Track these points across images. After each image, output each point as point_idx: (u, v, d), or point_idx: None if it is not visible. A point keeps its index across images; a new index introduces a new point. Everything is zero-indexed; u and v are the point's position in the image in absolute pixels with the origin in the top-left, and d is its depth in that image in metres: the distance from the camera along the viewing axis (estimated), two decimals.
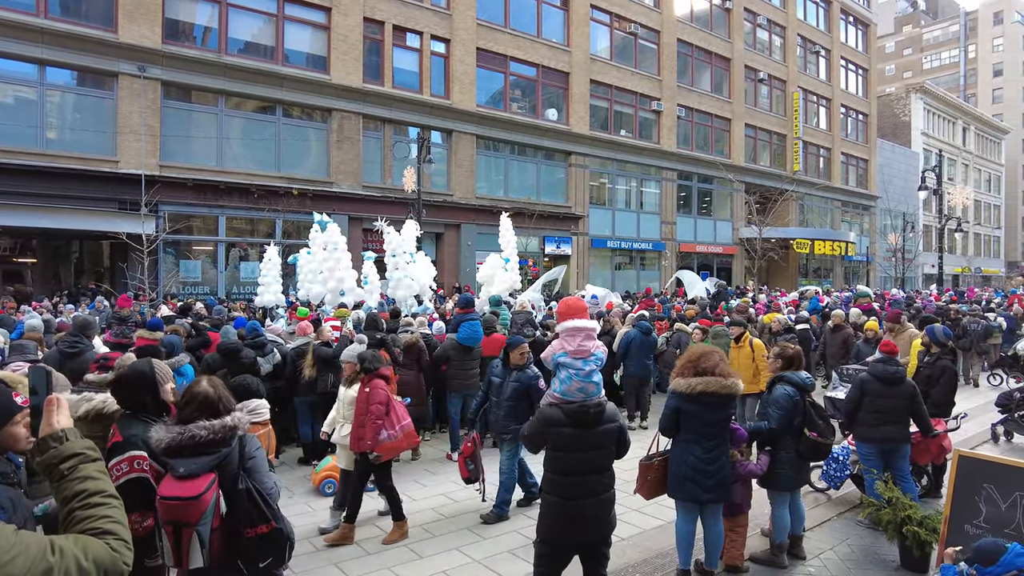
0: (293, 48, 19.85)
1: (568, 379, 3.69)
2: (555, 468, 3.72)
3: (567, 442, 3.65)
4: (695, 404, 4.42)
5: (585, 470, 3.67)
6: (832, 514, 6.08)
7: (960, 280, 49.93)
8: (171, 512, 2.47)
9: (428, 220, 19.76)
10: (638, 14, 28.54)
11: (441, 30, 22.43)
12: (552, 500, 3.70)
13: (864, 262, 40.89)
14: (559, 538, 3.70)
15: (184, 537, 2.46)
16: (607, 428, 3.73)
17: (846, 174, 40.51)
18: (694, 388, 4.38)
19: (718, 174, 31.29)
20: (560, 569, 3.77)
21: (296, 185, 19.12)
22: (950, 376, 6.85)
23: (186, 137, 17.94)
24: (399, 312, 10.63)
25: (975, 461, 4.81)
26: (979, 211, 58.00)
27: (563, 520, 3.65)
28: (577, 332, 3.79)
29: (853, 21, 41.69)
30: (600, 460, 3.72)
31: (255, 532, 2.61)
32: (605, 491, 3.73)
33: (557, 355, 3.79)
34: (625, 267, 29.26)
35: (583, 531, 3.67)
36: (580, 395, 3.68)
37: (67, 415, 1.84)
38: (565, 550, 3.75)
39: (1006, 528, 4.29)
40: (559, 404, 3.71)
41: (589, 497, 3.65)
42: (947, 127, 53.51)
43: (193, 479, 2.49)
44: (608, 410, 3.76)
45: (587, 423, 3.66)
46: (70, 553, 1.56)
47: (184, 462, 2.53)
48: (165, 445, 2.55)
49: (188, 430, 2.57)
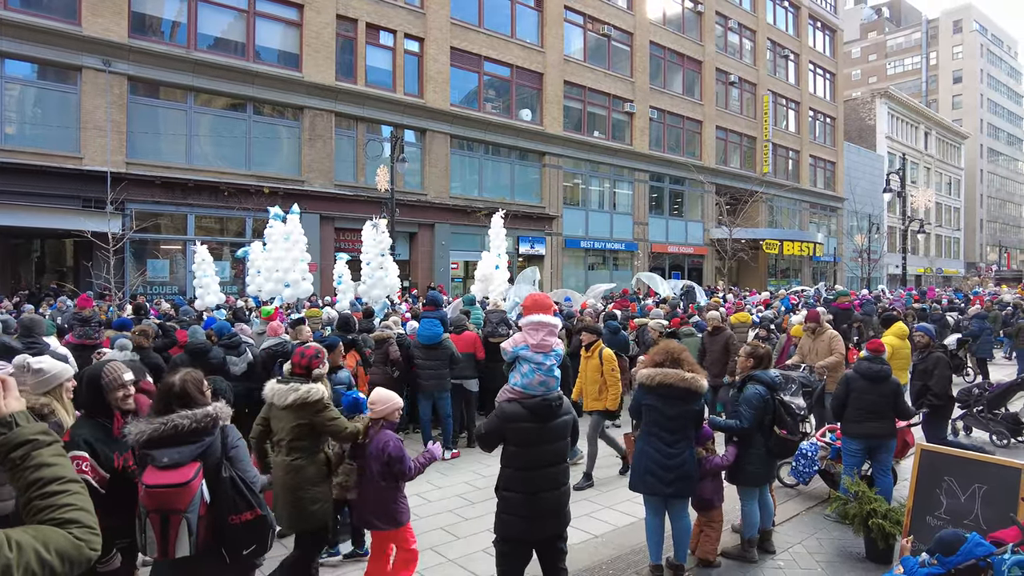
0: (264, 45, 19.58)
1: (531, 373, 3.69)
2: (516, 464, 3.69)
3: (527, 437, 3.65)
4: (655, 396, 4.49)
5: (545, 463, 3.68)
6: (801, 509, 6.20)
7: (922, 280, 51.28)
8: (158, 500, 2.46)
9: (401, 220, 19.67)
10: (611, 16, 28.76)
11: (415, 29, 22.33)
12: (512, 496, 3.67)
13: (832, 263, 41.75)
14: (520, 534, 3.68)
15: (172, 525, 2.46)
16: (564, 420, 3.76)
17: (814, 176, 41.34)
18: (653, 379, 4.46)
19: (689, 175, 31.68)
20: (523, 566, 3.77)
21: (267, 183, 18.86)
22: (943, 366, 7.04)
23: (154, 134, 17.58)
24: (372, 312, 10.56)
25: (936, 455, 4.96)
26: (940, 213, 59.69)
27: (524, 516, 3.64)
28: (541, 327, 3.80)
29: (821, 27, 42.57)
30: (558, 452, 3.75)
31: (240, 519, 2.62)
32: (563, 484, 3.76)
33: (518, 348, 3.79)
34: (598, 267, 29.45)
35: (543, 525, 3.68)
36: (541, 389, 3.69)
37: (17, 398, 1.70)
38: (526, 546, 3.75)
39: (965, 519, 4.44)
40: (519, 399, 3.70)
41: (549, 491, 3.67)
42: (910, 131, 54.94)
43: (179, 468, 2.50)
44: (565, 402, 3.82)
45: (548, 416, 3.68)
46: (29, 547, 1.47)
47: (168, 452, 2.53)
48: (147, 437, 2.54)
49: (171, 420, 2.58)
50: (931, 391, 6.81)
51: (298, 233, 12.64)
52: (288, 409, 4.01)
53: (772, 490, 5.66)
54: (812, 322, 8.23)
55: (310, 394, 3.98)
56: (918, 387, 7.03)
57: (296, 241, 12.61)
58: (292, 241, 12.57)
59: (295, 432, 4.02)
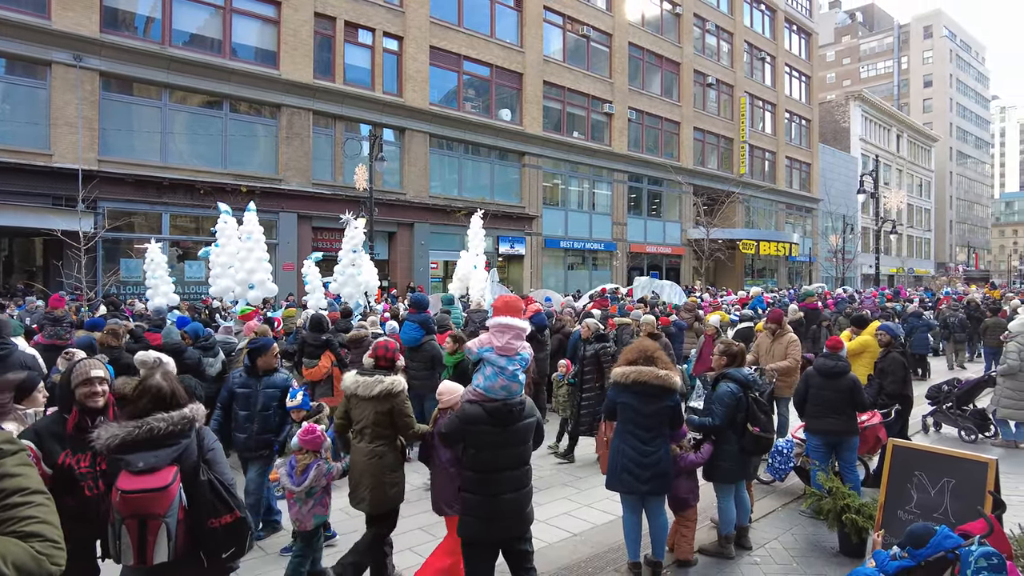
0: (241, 42, 19.34)
1: (493, 376, 3.66)
2: (475, 466, 3.68)
3: (487, 440, 3.63)
4: (629, 394, 4.50)
5: (505, 466, 3.67)
6: (777, 505, 6.28)
7: (895, 280, 52.29)
8: (134, 506, 2.40)
9: (380, 219, 19.58)
10: (590, 17, 28.88)
11: (394, 27, 22.22)
12: (473, 499, 3.66)
13: (807, 262, 42.39)
14: (479, 535, 3.68)
15: (150, 530, 2.40)
16: (526, 423, 3.74)
17: (790, 177, 41.93)
18: (628, 377, 4.47)
19: (667, 176, 31.94)
20: (489, 566, 3.76)
21: (244, 182, 18.63)
22: (900, 367, 7.19)
23: (127, 131, 17.27)
24: (350, 311, 10.49)
25: (907, 450, 5.07)
26: (912, 214, 60.91)
27: (483, 518, 3.63)
28: (508, 329, 3.76)
29: (796, 30, 43.20)
30: (519, 456, 3.74)
31: (220, 522, 2.58)
32: (524, 486, 3.75)
33: (483, 349, 3.76)
34: (578, 267, 29.57)
35: (505, 527, 3.68)
36: (503, 393, 3.66)
37: None
38: (489, 547, 3.74)
39: (935, 512, 4.54)
40: (480, 401, 3.67)
41: (509, 493, 3.66)
42: (883, 134, 56.00)
43: (156, 472, 2.44)
44: (528, 405, 3.79)
45: (508, 421, 3.65)
46: None
47: (144, 456, 2.47)
48: (120, 441, 2.47)
49: (146, 423, 2.51)
50: (885, 391, 6.95)
51: (258, 232, 12.32)
52: (373, 399, 4.26)
53: (750, 487, 5.73)
54: (774, 323, 8.13)
55: (394, 385, 4.31)
56: (876, 386, 7.17)
57: (257, 240, 12.28)
58: (254, 240, 12.23)
59: (377, 420, 4.27)
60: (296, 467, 4.34)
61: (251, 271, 11.95)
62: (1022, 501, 5.65)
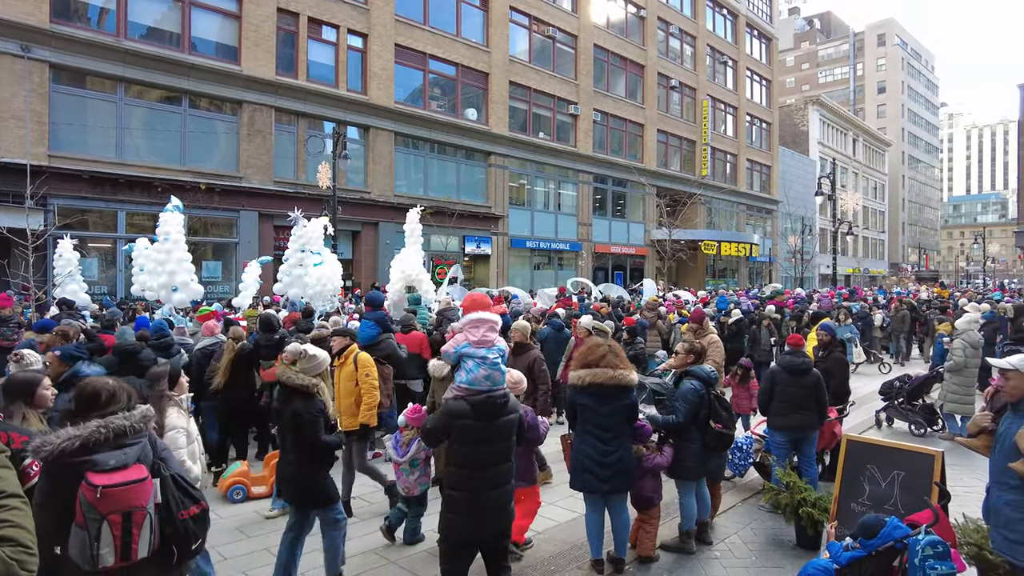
0: (201, 36, 18.89)
1: (475, 367, 3.72)
2: (460, 462, 3.68)
3: (472, 435, 3.64)
4: (587, 396, 4.54)
5: (490, 462, 3.68)
6: (737, 500, 6.41)
7: (851, 280, 53.81)
8: (117, 501, 2.38)
9: (344, 218, 19.34)
10: (556, 18, 29.04)
11: (358, 24, 21.99)
12: (456, 495, 3.66)
13: (767, 263, 43.34)
14: (463, 533, 3.67)
15: (136, 523, 2.42)
16: (509, 419, 3.76)
17: (751, 179, 42.82)
18: (583, 380, 4.51)
19: (631, 178, 32.31)
20: (466, 565, 3.76)
21: (203, 180, 18.21)
22: (843, 367, 7.45)
23: (80, 126, 16.70)
24: (312, 312, 10.34)
25: (860, 444, 5.24)
26: (867, 216, 62.81)
27: (467, 515, 3.62)
28: (481, 323, 3.84)
29: (757, 35, 44.15)
30: (503, 451, 3.74)
31: (188, 514, 2.63)
32: (507, 482, 3.76)
33: (460, 347, 3.83)
34: (544, 267, 29.69)
35: (486, 524, 3.67)
36: (487, 383, 3.70)
37: None
38: (469, 545, 3.74)
39: (885, 504, 4.70)
40: (465, 396, 3.71)
41: (493, 489, 3.66)
42: (839, 138, 57.60)
43: (126, 469, 2.46)
44: (512, 400, 3.82)
45: (492, 415, 3.67)
46: None
47: (113, 454, 2.47)
48: (82, 442, 2.43)
49: (109, 422, 2.51)
50: (829, 390, 7.16)
51: (177, 232, 11.62)
52: (444, 380, 5.26)
53: (718, 486, 5.82)
54: (695, 323, 8.14)
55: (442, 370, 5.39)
56: None
57: (176, 241, 11.55)
58: (173, 241, 11.46)
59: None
60: (401, 441, 5.10)
61: (172, 273, 11.22)
62: (967, 491, 5.88)
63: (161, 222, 11.67)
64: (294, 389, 4.32)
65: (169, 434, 3.91)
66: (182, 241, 11.82)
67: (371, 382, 5.82)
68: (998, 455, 3.30)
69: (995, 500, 3.33)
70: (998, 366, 3.39)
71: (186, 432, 4.03)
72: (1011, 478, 3.18)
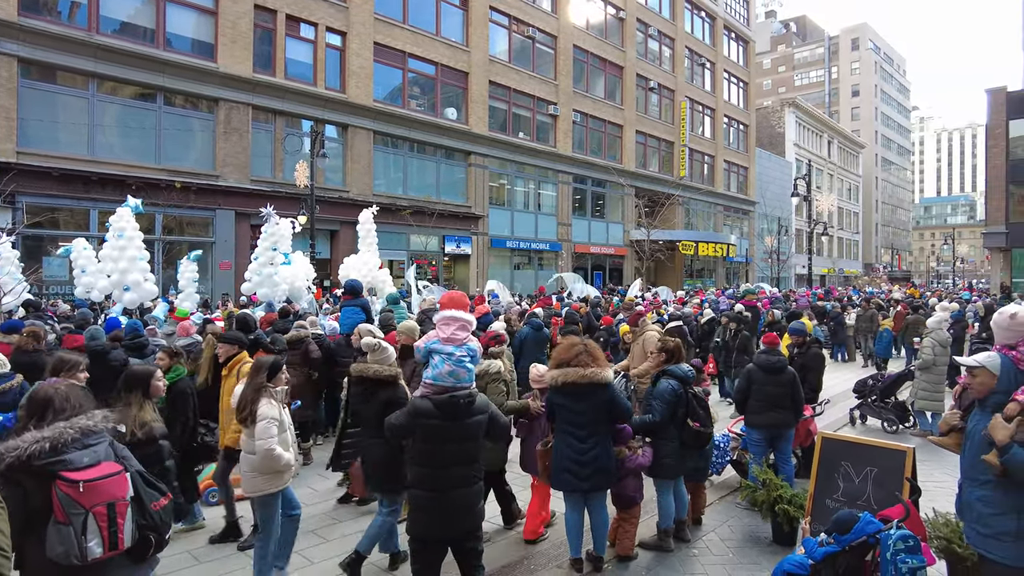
0: (176, 32, 18.60)
1: (440, 363, 3.73)
2: (423, 461, 3.67)
3: (435, 433, 3.63)
4: (562, 396, 4.57)
5: (453, 462, 3.66)
6: (714, 498, 6.46)
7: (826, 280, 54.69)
8: (102, 492, 2.52)
9: (322, 217, 19.16)
10: (536, 18, 29.08)
11: (337, 22, 21.82)
12: (420, 494, 3.65)
13: (744, 263, 43.83)
14: (427, 532, 3.66)
15: (120, 513, 2.56)
16: (476, 420, 3.74)
17: (728, 180, 43.28)
18: (557, 380, 4.54)
19: (610, 178, 32.48)
20: (436, 564, 3.75)
21: (178, 178, 17.92)
22: (820, 361, 7.61)
23: (51, 122, 16.35)
24: (288, 312, 10.22)
25: (834, 442, 5.32)
26: (842, 217, 63.84)
27: (432, 514, 3.62)
28: (452, 321, 3.86)
29: (735, 37, 44.63)
30: (468, 452, 3.72)
31: (159, 506, 2.78)
32: (473, 483, 3.74)
33: (429, 343, 3.85)
34: (524, 267, 29.73)
35: (452, 524, 3.66)
36: (451, 379, 3.70)
37: None
38: (437, 544, 3.73)
39: (859, 500, 4.78)
40: (429, 395, 3.71)
41: (457, 489, 3.65)
42: (815, 139, 58.47)
43: (99, 464, 2.59)
44: (478, 402, 3.79)
45: (456, 414, 3.65)
46: None
47: (85, 452, 2.59)
48: (51, 444, 2.52)
49: (74, 423, 2.63)
50: (808, 384, 7.30)
51: (132, 229, 11.33)
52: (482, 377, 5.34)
53: (702, 487, 5.87)
54: (633, 324, 7.98)
55: (490, 367, 5.52)
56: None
57: (131, 238, 11.23)
58: (127, 238, 11.14)
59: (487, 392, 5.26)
60: None
61: (124, 271, 10.89)
62: (937, 486, 6.00)
63: (115, 218, 11.32)
64: (380, 381, 4.68)
65: (260, 424, 4.13)
66: (137, 239, 11.39)
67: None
68: (968, 452, 3.37)
69: (967, 496, 3.40)
70: (964, 364, 3.47)
71: (278, 422, 4.23)
72: (981, 473, 3.25)
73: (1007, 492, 3.15)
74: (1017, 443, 3.05)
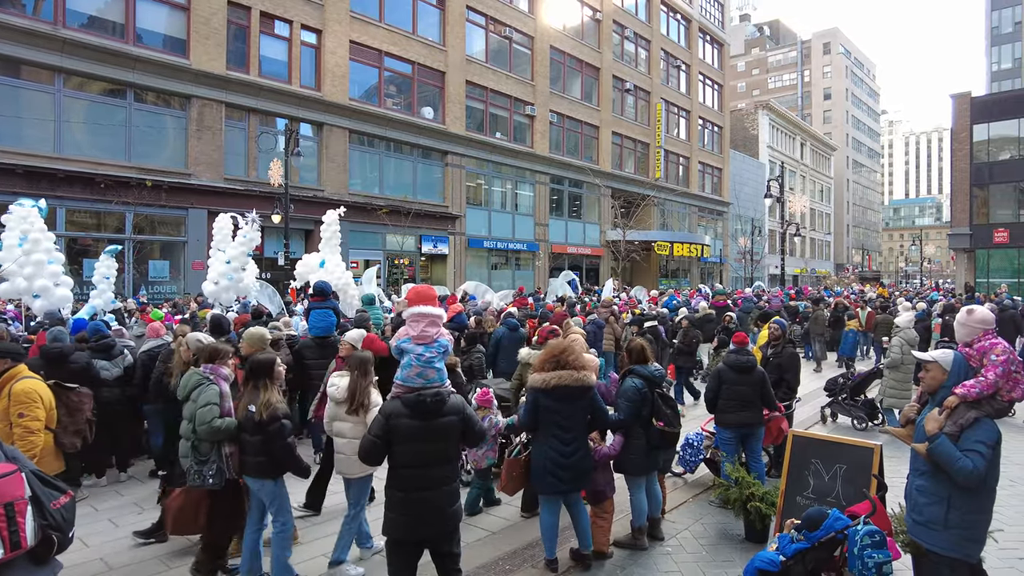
0: (147, 28, 18.25)
1: (408, 364, 3.73)
2: (397, 461, 3.65)
3: (407, 433, 3.61)
4: (552, 398, 4.56)
5: (426, 462, 3.64)
6: (688, 496, 6.54)
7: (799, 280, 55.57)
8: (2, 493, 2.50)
9: (297, 216, 18.96)
10: (513, 19, 29.11)
11: (312, 20, 21.61)
12: (395, 494, 3.64)
13: (718, 263, 44.35)
14: (400, 533, 3.64)
15: (19, 512, 2.52)
16: (448, 420, 3.70)
17: (703, 181, 43.76)
18: (549, 383, 4.52)
19: (587, 179, 32.64)
20: (412, 564, 3.73)
21: (149, 176, 17.57)
22: (796, 360, 7.74)
23: (14, 118, 15.93)
24: (261, 314, 10.11)
25: (805, 440, 5.41)
26: (814, 218, 64.93)
27: (407, 514, 3.60)
28: (422, 318, 3.83)
29: (710, 40, 45.14)
30: (442, 452, 3.70)
31: (59, 504, 2.73)
32: (448, 483, 3.71)
33: (401, 341, 3.83)
34: (501, 267, 29.74)
35: (427, 524, 3.64)
36: (419, 380, 3.69)
37: None
38: (412, 545, 3.71)
39: (828, 496, 4.87)
40: (400, 395, 3.71)
41: (431, 489, 3.63)
42: (788, 142, 59.39)
43: None
44: (451, 402, 3.74)
45: (427, 414, 3.63)
46: None
47: None
48: None
49: None
50: (786, 383, 7.43)
51: (37, 231, 10.06)
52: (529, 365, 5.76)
53: (663, 480, 5.94)
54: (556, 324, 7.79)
55: (531, 356, 6.14)
56: (774, 379, 7.60)
57: (36, 241, 9.98)
58: (31, 241, 9.91)
59: None
60: None
61: (31, 277, 9.77)
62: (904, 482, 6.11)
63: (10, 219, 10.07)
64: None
65: (373, 412, 4.43)
66: (44, 241, 10.22)
67: (28, 424, 4.19)
68: (915, 443, 3.51)
69: (908, 485, 3.55)
70: (920, 359, 3.60)
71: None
72: (922, 464, 3.39)
73: (939, 481, 3.30)
74: (946, 434, 3.22)
